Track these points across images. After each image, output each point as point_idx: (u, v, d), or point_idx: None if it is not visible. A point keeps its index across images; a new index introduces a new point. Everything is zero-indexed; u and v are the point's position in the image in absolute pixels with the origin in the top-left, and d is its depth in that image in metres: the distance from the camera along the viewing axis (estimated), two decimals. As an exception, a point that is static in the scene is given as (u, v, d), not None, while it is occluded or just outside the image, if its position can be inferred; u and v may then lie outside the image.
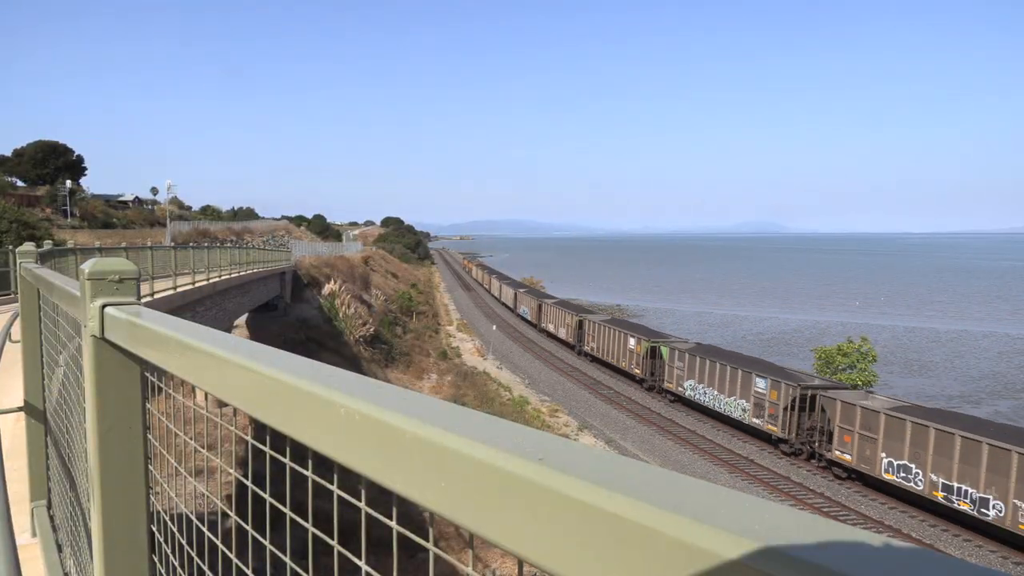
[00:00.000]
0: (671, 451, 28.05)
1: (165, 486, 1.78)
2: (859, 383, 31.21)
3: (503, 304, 73.57)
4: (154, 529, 1.69)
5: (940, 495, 20.71)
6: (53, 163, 61.09)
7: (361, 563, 0.86)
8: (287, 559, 1.13)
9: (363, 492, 0.86)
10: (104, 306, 1.61)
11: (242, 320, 33.68)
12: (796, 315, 78.24)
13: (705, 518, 0.47)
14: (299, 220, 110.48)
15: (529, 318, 57.72)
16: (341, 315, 42.33)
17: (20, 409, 3.93)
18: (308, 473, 0.99)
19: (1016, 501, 18.66)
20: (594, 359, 42.43)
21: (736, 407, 29.22)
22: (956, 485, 20.16)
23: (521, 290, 65.70)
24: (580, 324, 44.25)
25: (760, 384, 27.65)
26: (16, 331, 4.45)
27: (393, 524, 0.82)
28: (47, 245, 15.75)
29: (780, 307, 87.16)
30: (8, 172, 60.06)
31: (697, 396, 32.12)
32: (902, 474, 21.94)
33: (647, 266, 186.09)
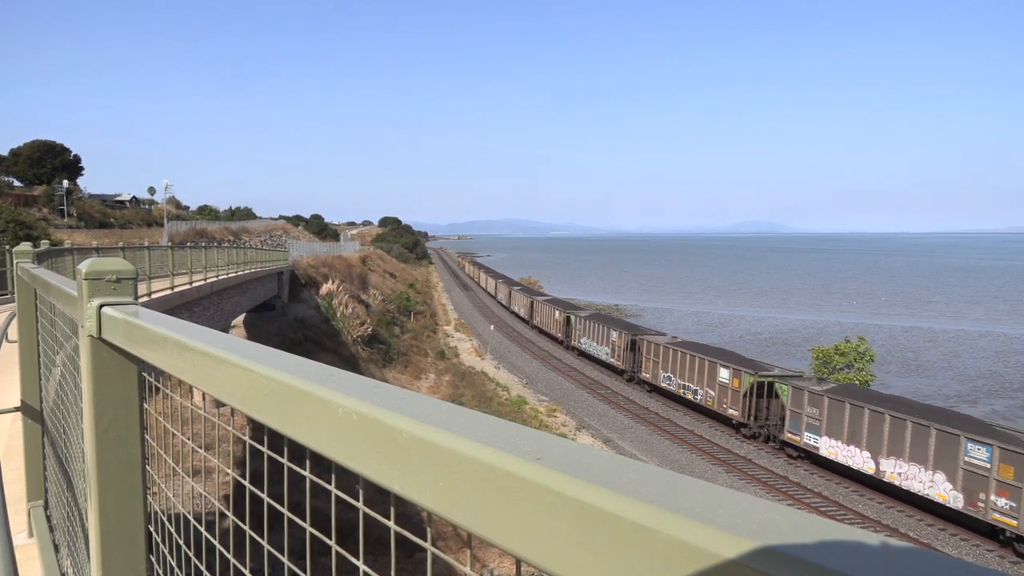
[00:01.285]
0: (669, 451, 28.08)
1: (163, 486, 1.78)
2: (857, 383, 31.30)
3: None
4: (151, 529, 1.68)
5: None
6: (50, 163, 60.99)
7: (359, 563, 0.86)
8: (285, 559, 1.13)
9: (361, 492, 0.86)
10: (101, 306, 1.60)
11: (240, 320, 33.65)
12: (794, 315, 78.35)
13: (703, 517, 0.47)
14: (297, 220, 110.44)
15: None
16: (339, 315, 42.31)
17: (17, 409, 3.93)
18: (306, 473, 0.99)
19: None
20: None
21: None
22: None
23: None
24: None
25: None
26: (13, 331, 4.45)
27: (391, 524, 0.82)
28: (44, 245, 15.73)
29: (778, 307, 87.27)
30: (5, 172, 59.95)
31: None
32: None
33: (646, 266, 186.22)
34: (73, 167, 64.08)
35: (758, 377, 27.76)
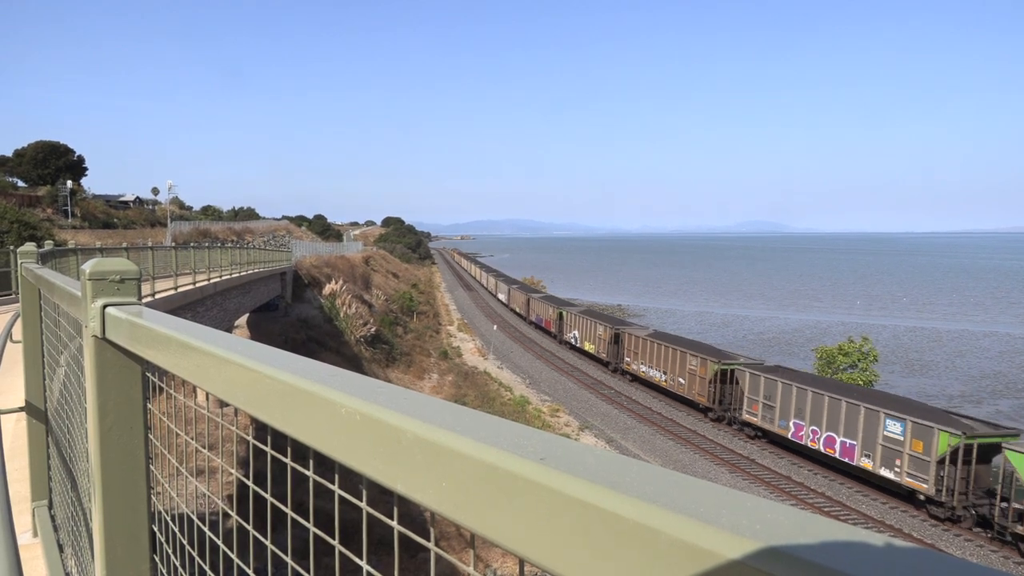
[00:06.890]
0: (672, 451, 28.06)
1: (166, 486, 1.78)
2: (860, 383, 31.24)
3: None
4: (155, 529, 1.69)
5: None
6: (54, 163, 61.07)
7: (362, 563, 0.86)
8: (288, 559, 1.13)
9: (364, 492, 0.86)
10: (105, 306, 1.61)
11: (243, 320, 33.69)
12: (797, 315, 78.20)
13: (706, 518, 0.47)
14: (300, 220, 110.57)
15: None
16: (342, 315, 42.34)
17: (21, 409, 3.94)
18: (309, 473, 0.99)
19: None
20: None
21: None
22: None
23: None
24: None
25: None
26: (17, 331, 4.46)
27: (394, 524, 0.82)
28: (48, 245, 15.76)
29: (781, 307, 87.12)
30: (9, 172, 60.05)
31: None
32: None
33: (648, 266, 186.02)
34: (77, 168, 64.16)
35: (965, 439, 19.78)
